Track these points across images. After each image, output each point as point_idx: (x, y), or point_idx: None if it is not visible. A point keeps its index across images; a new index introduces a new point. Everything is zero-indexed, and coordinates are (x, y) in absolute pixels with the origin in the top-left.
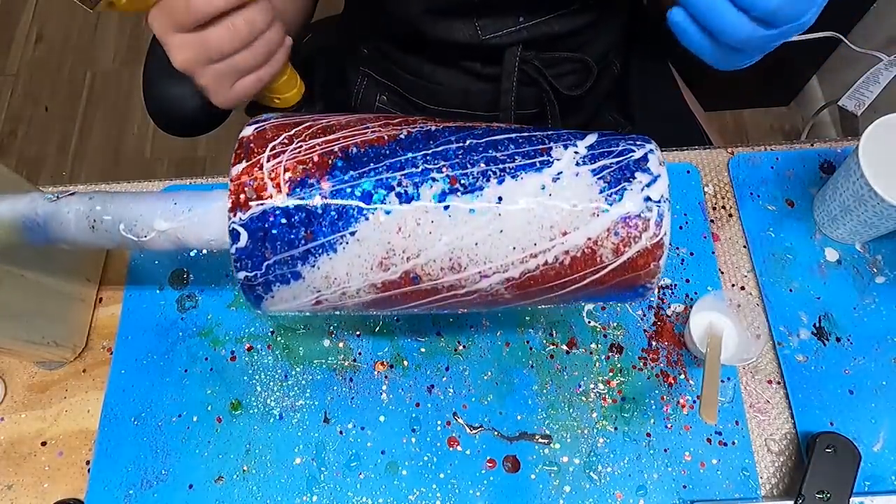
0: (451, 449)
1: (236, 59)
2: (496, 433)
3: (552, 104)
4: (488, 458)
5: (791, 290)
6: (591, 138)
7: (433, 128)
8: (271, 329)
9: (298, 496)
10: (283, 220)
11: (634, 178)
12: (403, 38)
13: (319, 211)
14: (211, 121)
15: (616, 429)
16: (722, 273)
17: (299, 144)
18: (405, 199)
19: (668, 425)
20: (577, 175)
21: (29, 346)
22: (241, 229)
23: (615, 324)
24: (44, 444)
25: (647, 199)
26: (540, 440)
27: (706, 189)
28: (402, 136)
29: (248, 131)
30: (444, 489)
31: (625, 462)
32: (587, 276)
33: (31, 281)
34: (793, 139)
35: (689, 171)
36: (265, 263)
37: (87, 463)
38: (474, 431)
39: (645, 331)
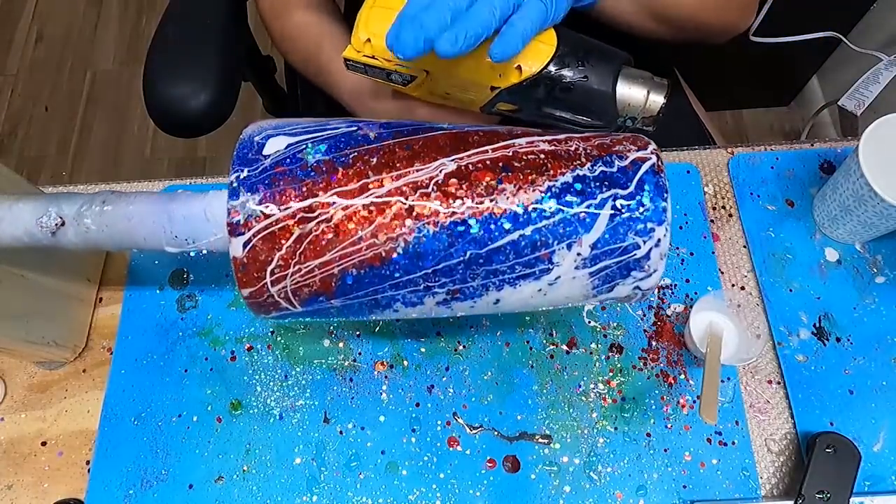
0: (451, 449)
1: None
2: (496, 433)
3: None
4: (488, 458)
5: (791, 290)
6: (598, 231)
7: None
8: (271, 329)
9: (298, 496)
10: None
11: (630, 276)
12: None
13: (334, 311)
14: (211, 121)
15: (616, 429)
16: (722, 273)
17: (297, 268)
18: (409, 304)
19: (668, 425)
20: (574, 279)
21: (29, 346)
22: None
23: (615, 324)
24: (44, 444)
25: (637, 288)
26: (540, 440)
27: (706, 189)
28: (397, 255)
29: (237, 251)
30: (444, 489)
31: (625, 462)
32: None
33: (31, 281)
34: (793, 139)
35: (689, 171)
36: None
37: (87, 463)
38: (474, 431)
39: (645, 331)
